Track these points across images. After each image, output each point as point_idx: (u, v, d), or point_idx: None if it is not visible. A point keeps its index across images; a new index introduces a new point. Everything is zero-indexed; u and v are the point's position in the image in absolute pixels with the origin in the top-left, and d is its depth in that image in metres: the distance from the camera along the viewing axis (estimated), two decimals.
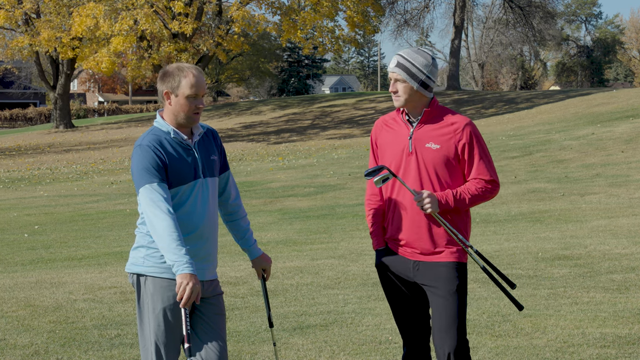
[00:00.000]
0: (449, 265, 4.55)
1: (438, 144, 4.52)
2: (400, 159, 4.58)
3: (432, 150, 4.52)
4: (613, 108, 31.39)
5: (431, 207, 4.46)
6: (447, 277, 4.53)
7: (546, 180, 18.80)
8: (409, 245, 4.60)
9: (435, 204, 4.47)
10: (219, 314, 4.40)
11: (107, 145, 39.46)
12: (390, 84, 4.59)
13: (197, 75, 4.30)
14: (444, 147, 4.51)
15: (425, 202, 4.46)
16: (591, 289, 8.55)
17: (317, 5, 37.94)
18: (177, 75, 4.29)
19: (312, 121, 43.00)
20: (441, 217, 4.51)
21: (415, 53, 4.55)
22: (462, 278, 4.58)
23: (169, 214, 4.15)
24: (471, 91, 54.36)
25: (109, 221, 16.92)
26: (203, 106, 4.36)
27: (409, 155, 4.55)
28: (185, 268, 4.11)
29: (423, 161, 4.53)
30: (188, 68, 4.32)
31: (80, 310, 8.32)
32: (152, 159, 4.22)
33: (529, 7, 56.88)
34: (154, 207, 4.16)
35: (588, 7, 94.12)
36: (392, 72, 4.55)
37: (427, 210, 4.46)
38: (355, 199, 18.46)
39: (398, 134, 4.62)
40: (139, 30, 36.27)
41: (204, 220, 4.33)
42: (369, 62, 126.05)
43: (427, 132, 4.55)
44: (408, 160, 4.56)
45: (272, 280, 9.64)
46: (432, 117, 4.58)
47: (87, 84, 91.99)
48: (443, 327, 4.54)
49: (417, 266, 4.58)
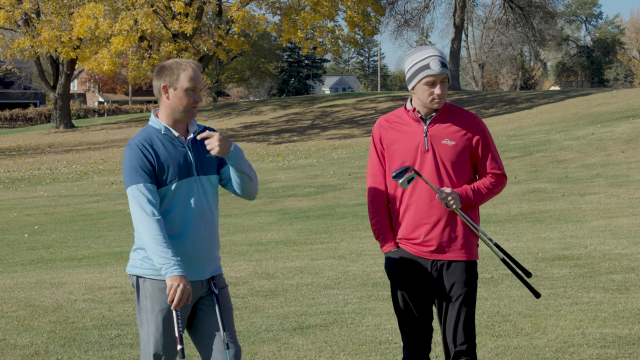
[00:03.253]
0: (465, 265, 4.60)
1: (453, 141, 4.57)
2: (414, 157, 4.59)
3: (448, 146, 4.56)
4: (613, 108, 31.38)
5: (455, 203, 4.50)
6: (463, 276, 4.59)
7: (546, 181, 18.80)
8: (426, 244, 4.60)
9: (458, 200, 4.52)
10: (227, 307, 4.40)
11: (107, 146, 39.45)
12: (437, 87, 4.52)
13: (195, 69, 4.30)
14: (459, 144, 4.57)
15: (449, 199, 4.49)
16: (591, 289, 8.55)
17: (317, 5, 37.94)
18: (175, 69, 4.29)
19: (312, 121, 43.00)
20: (463, 212, 4.56)
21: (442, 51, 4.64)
22: (476, 277, 4.66)
23: (153, 216, 4.14)
24: (471, 91, 54.36)
25: (109, 221, 16.91)
26: (201, 100, 4.35)
27: (425, 153, 4.58)
28: (174, 270, 4.10)
29: (440, 158, 4.56)
30: (186, 62, 4.32)
31: (80, 311, 8.32)
32: (139, 159, 4.21)
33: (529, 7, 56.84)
34: (138, 210, 4.16)
35: (588, 7, 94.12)
36: (440, 74, 4.52)
37: (451, 206, 4.50)
38: (355, 199, 18.46)
39: (409, 132, 4.62)
40: (139, 30, 36.26)
41: (198, 219, 4.30)
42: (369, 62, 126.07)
43: (442, 129, 4.59)
44: (424, 158, 4.58)
45: (272, 280, 9.65)
46: (445, 114, 4.62)
47: (87, 84, 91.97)
48: (457, 327, 4.58)
49: (435, 265, 4.60)
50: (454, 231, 4.58)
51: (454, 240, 4.58)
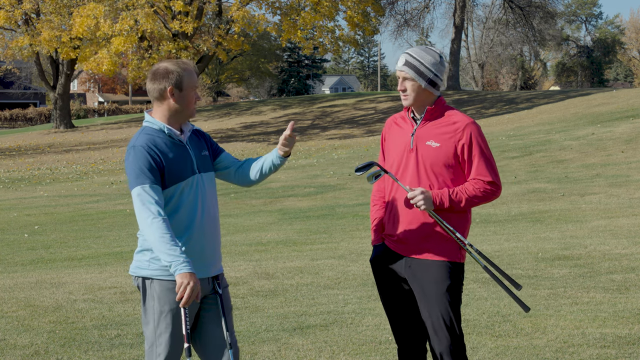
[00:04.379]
0: (440, 264, 4.53)
1: (438, 143, 4.54)
2: (401, 156, 4.62)
3: (431, 148, 4.53)
4: (613, 108, 31.38)
5: (424, 204, 4.46)
6: (437, 276, 4.52)
7: (546, 181, 18.80)
8: (402, 242, 4.61)
9: (429, 202, 4.47)
10: (228, 307, 4.41)
11: (107, 146, 39.44)
12: (399, 83, 4.60)
13: (194, 67, 4.39)
14: (444, 146, 4.52)
15: (418, 199, 4.47)
16: (591, 289, 8.55)
17: (317, 5, 37.94)
18: (176, 71, 4.30)
19: (312, 121, 43.00)
20: (438, 214, 4.52)
21: (422, 51, 4.57)
22: (455, 278, 4.55)
23: (159, 215, 4.14)
24: (471, 91, 54.35)
25: (109, 221, 16.91)
26: (199, 99, 4.41)
27: (410, 152, 4.59)
28: (184, 267, 4.10)
29: (422, 158, 4.55)
30: (183, 62, 4.35)
31: (80, 311, 8.32)
32: (145, 160, 4.21)
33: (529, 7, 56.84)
34: (144, 210, 4.16)
35: (588, 7, 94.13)
36: (401, 71, 4.57)
37: (420, 207, 4.47)
38: (355, 199, 18.46)
39: (403, 131, 4.66)
40: (139, 30, 36.26)
41: (203, 216, 4.32)
42: (369, 63, 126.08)
43: (428, 130, 4.57)
44: (408, 157, 4.59)
45: (272, 280, 9.65)
46: (435, 115, 4.60)
47: (87, 84, 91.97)
48: (434, 327, 4.54)
49: (409, 263, 4.58)
50: (431, 231, 4.53)
51: (430, 240, 4.54)
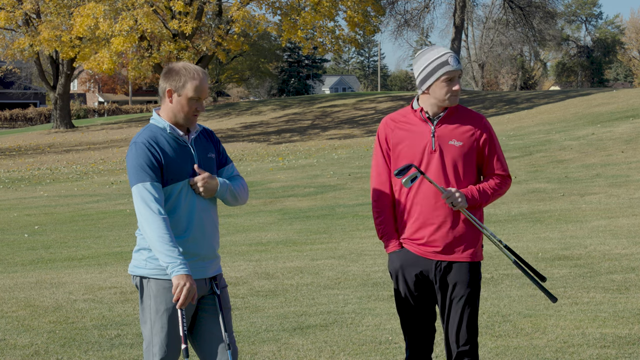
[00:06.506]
0: (470, 265, 4.59)
1: (460, 141, 4.57)
2: (421, 157, 4.58)
3: (455, 147, 4.56)
4: (613, 108, 31.37)
5: (462, 202, 4.50)
6: (469, 276, 4.58)
7: (546, 181, 18.80)
8: (430, 244, 4.59)
9: (464, 200, 4.52)
10: (227, 308, 4.41)
11: (107, 146, 39.44)
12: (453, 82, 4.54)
13: (203, 79, 4.28)
14: (466, 144, 4.57)
15: (454, 198, 4.49)
16: (591, 289, 8.55)
17: (317, 5, 37.93)
18: (183, 76, 4.27)
19: (312, 121, 42.99)
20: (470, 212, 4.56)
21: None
22: (479, 277, 4.65)
23: (159, 214, 4.14)
24: (471, 91, 54.36)
25: (109, 221, 16.91)
26: (203, 110, 4.33)
27: (432, 153, 4.57)
28: (181, 269, 4.11)
29: (447, 158, 4.56)
30: (195, 70, 4.29)
31: (80, 311, 8.32)
32: (146, 157, 4.20)
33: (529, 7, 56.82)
34: (144, 208, 4.15)
35: (588, 7, 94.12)
36: (458, 70, 4.53)
37: (456, 206, 4.50)
38: (355, 199, 18.46)
39: (416, 132, 4.60)
40: (139, 30, 36.26)
41: (203, 217, 4.31)
42: (369, 63, 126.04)
43: (449, 130, 4.58)
44: (430, 158, 4.57)
45: (272, 280, 9.65)
46: (452, 114, 4.61)
47: (87, 84, 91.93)
48: (462, 327, 4.58)
49: (439, 266, 4.59)
50: (458, 232, 4.57)
51: (458, 241, 4.57)
